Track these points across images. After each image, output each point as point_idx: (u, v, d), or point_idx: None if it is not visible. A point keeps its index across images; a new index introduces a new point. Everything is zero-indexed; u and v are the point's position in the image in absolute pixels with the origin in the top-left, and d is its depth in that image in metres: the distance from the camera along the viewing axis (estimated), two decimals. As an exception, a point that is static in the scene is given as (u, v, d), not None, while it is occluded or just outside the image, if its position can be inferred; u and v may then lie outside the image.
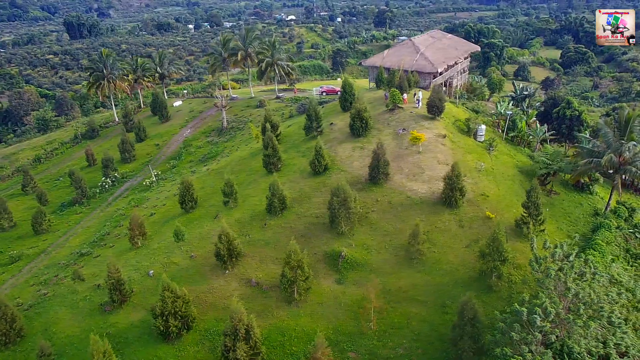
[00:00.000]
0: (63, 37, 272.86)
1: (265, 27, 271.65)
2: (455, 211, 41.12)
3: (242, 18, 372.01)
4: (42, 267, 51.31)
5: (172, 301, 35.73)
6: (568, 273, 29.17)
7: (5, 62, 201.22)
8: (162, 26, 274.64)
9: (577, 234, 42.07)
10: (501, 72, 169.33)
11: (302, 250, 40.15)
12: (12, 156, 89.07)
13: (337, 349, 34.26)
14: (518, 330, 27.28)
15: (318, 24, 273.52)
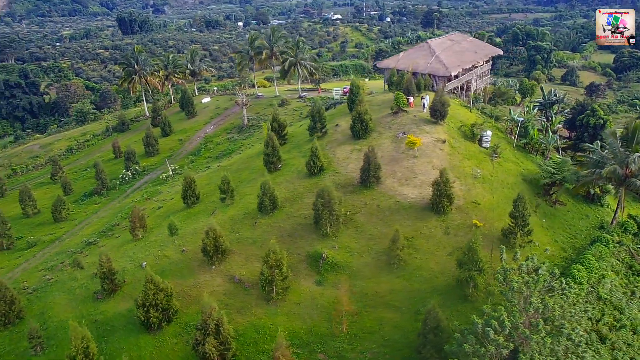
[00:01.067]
0: (118, 33, 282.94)
1: (311, 26, 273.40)
2: (442, 218, 40.57)
3: (291, 16, 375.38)
4: (53, 254, 53.78)
5: (153, 293, 36.86)
6: (532, 287, 28.39)
7: (60, 56, 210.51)
8: (210, 23, 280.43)
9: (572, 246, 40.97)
10: (547, 76, 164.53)
11: (286, 250, 40.85)
12: (49, 146, 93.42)
13: (308, 349, 34.64)
14: (472, 342, 26.85)
15: (363, 24, 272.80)
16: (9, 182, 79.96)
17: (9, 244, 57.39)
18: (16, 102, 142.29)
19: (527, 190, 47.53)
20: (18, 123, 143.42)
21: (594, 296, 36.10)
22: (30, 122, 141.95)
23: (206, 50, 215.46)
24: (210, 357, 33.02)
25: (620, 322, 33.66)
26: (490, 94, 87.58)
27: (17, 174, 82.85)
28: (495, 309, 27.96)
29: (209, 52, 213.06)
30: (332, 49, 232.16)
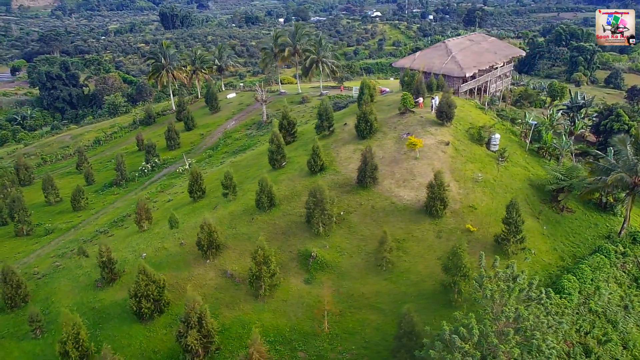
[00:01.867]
0: (161, 27, 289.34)
1: (350, 23, 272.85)
2: (436, 221, 40.08)
3: (332, 13, 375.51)
4: (66, 241, 55.77)
5: (145, 284, 37.78)
6: (506, 295, 27.80)
7: (102, 49, 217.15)
8: (250, 19, 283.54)
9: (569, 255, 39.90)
10: (590, 78, 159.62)
11: (278, 248, 41.32)
12: (79, 137, 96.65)
13: (290, 347, 34.90)
14: (439, 349, 26.53)
15: (403, 21, 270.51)
16: (38, 170, 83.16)
17: (28, 230, 59.74)
18: (57, 94, 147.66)
19: (532, 196, 46.49)
20: (58, 114, 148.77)
21: (585, 308, 35.06)
22: (70, 113, 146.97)
23: (244, 46, 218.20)
24: (192, 349, 33.59)
25: (607, 336, 32.53)
26: (517, 95, 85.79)
27: (47, 163, 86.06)
28: (467, 316, 27.47)
29: (246, 48, 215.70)
30: (370, 47, 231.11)
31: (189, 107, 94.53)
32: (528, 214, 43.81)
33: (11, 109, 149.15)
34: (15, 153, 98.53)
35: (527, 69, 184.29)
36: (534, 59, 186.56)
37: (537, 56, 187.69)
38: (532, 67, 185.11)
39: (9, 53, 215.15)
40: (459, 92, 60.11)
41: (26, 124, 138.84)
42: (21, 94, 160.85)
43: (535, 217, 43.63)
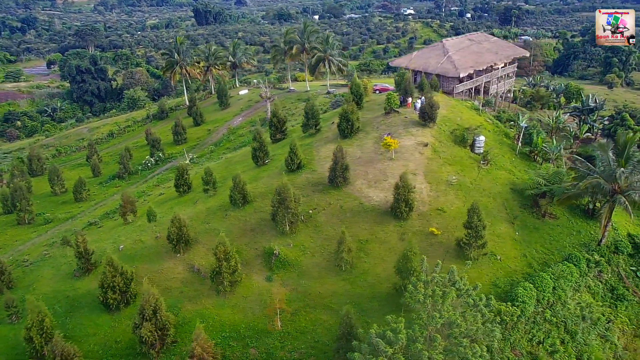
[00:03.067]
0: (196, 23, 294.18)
1: (382, 21, 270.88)
2: (401, 223, 39.72)
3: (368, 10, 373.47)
4: (61, 231, 57.54)
5: (112, 276, 38.74)
6: (439, 301, 27.40)
7: (135, 44, 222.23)
8: (282, 16, 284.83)
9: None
10: (625, 80, 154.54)
11: (245, 245, 41.74)
12: (96, 129, 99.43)
13: (242, 343, 35.30)
14: (365, 352, 26.44)
15: (435, 19, 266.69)
16: (51, 161, 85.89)
17: (30, 219, 61.95)
18: (86, 87, 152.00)
19: (512, 200, 45.54)
20: (87, 106, 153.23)
21: (542, 317, 34.18)
22: (98, 106, 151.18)
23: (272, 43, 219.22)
24: (146, 340, 34.31)
25: (554, 346, 31.65)
26: (528, 97, 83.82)
27: (61, 155, 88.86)
28: (397, 320, 27.23)
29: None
30: (400, 45, 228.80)
31: (202, 102, 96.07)
32: (503, 218, 42.98)
33: (43, 101, 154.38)
34: (36, 144, 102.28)
35: (561, 70, 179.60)
36: (568, 59, 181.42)
37: (572, 57, 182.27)
38: (566, 68, 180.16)
39: (46, 47, 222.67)
40: (453, 93, 59.10)
41: (56, 116, 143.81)
42: (54, 86, 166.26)
43: (511, 222, 42.70)
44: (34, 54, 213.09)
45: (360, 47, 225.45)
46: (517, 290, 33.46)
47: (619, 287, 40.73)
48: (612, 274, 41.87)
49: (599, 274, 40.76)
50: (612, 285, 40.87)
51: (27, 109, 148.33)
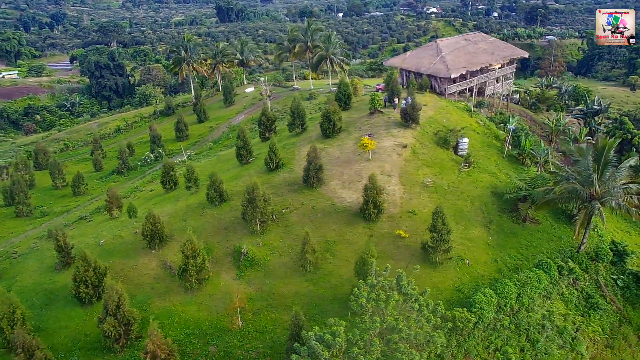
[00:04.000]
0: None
1: (404, 19, 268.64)
2: (370, 225, 39.49)
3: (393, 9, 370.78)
4: (54, 225, 58.72)
5: (84, 270, 39.43)
6: (381, 305, 27.19)
7: (157, 40, 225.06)
8: (304, 13, 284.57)
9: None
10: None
11: (217, 243, 42.06)
12: (104, 125, 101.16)
13: (203, 340, 35.61)
14: (305, 354, 26.43)
15: (458, 18, 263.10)
16: (59, 155, 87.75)
17: (27, 212, 63.39)
18: (104, 82, 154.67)
19: (492, 204, 44.86)
20: (105, 102, 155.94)
21: (501, 324, 33.58)
22: (116, 102, 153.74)
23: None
24: (110, 335, 34.85)
25: (505, 354, 31.08)
26: (533, 99, 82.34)
27: (69, 149, 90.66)
28: (338, 323, 27.11)
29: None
30: (420, 44, 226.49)
31: (209, 99, 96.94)
32: (479, 222, 42.38)
33: (62, 95, 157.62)
34: (48, 138, 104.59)
35: (585, 71, 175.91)
36: (592, 60, 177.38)
37: (596, 57, 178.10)
38: (590, 69, 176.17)
39: (70, 42, 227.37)
40: (445, 93, 58.35)
41: (75, 111, 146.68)
42: (74, 81, 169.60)
43: (486, 227, 42.06)
44: (58, 49, 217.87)
45: (380, 45, 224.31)
46: (476, 296, 32.92)
47: (596, 295, 39.81)
48: (590, 282, 40.93)
49: (574, 282, 39.90)
50: (589, 294, 39.95)
51: (47, 103, 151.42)
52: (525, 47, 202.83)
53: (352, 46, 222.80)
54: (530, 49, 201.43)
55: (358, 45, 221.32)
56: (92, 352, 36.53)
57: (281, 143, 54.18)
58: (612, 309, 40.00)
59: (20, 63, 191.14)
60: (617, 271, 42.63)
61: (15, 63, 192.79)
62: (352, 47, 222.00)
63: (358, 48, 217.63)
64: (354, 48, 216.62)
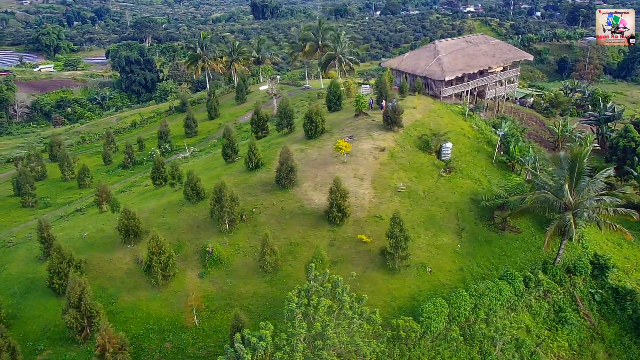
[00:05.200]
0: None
1: (439, 18, 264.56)
2: (334, 228, 39.28)
3: (433, 7, 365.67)
4: (54, 216, 60.71)
5: (58, 262, 40.67)
6: (311, 311, 27.07)
7: (191, 36, 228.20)
8: (339, 12, 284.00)
9: (469, 278, 37.45)
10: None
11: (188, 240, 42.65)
12: (123, 119, 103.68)
13: (161, 336, 36.28)
14: (231, 356, 26.59)
15: (495, 18, 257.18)
16: (75, 148, 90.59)
17: (32, 202, 65.65)
18: (134, 77, 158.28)
19: (469, 211, 43.95)
20: (134, 96, 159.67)
21: (451, 335, 32.83)
22: (144, 96, 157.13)
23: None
24: (72, 326, 35.86)
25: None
26: (546, 102, 79.99)
27: (85, 142, 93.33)
28: (267, 327, 27.16)
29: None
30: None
31: (223, 97, 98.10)
32: (451, 229, 41.58)
33: (94, 89, 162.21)
34: (70, 130, 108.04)
35: (625, 74, 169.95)
36: (632, 63, 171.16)
37: (637, 60, 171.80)
38: (629, 72, 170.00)
39: (108, 37, 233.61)
40: (440, 96, 57.32)
41: (105, 104, 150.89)
42: (107, 76, 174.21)
43: (458, 234, 41.23)
44: (95, 44, 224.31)
45: (412, 44, 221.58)
46: (425, 305, 32.34)
47: (568, 309, 38.52)
48: (564, 296, 39.64)
49: (545, 295, 38.70)
50: (561, 307, 38.69)
51: (78, 96, 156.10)
52: (563, 48, 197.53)
53: (384, 45, 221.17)
54: (569, 51, 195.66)
55: (390, 44, 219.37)
56: (58, 342, 37.60)
57: (268, 143, 54.45)
58: (585, 324, 38.65)
59: (58, 57, 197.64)
60: (597, 285, 41.18)
61: (54, 57, 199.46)
62: (384, 45, 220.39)
63: (390, 47, 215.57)
64: (386, 47, 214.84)
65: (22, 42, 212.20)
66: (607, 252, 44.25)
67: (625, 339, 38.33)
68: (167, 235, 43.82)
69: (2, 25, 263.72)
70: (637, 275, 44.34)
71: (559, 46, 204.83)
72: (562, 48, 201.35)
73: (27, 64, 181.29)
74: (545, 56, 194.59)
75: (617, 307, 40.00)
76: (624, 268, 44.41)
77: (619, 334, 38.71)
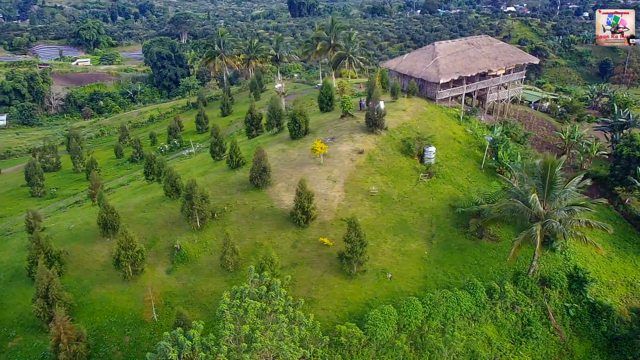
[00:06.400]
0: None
1: (477, 18, 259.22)
2: (299, 230, 39.16)
3: (475, 6, 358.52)
4: (55, 207, 62.78)
5: (36, 252, 42.09)
6: (240, 312, 27.11)
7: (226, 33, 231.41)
8: (376, 10, 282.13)
9: (429, 286, 36.72)
10: None
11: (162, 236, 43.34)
12: (143, 114, 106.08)
13: (122, 330, 37.03)
14: (161, 353, 26.91)
15: (536, 18, 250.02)
16: (94, 141, 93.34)
17: (41, 192, 68.11)
18: (165, 72, 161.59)
19: (445, 217, 43.13)
20: (165, 91, 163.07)
21: (399, 344, 32.24)
22: (175, 91, 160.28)
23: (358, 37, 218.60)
24: (40, 315, 37.08)
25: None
26: (561, 107, 77.49)
27: (104, 135, 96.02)
28: (197, 327, 27.36)
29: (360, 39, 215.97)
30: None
31: (240, 94, 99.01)
32: (422, 235, 40.85)
33: (127, 83, 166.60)
34: (94, 124, 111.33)
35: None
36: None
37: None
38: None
39: (146, 33, 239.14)
40: (436, 99, 56.23)
41: (136, 98, 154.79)
42: (140, 70, 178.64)
43: (429, 241, 40.46)
44: (134, 39, 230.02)
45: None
46: (371, 313, 31.88)
47: (536, 323, 37.27)
48: (536, 309, 38.40)
49: (513, 307, 37.56)
50: (530, 320, 37.49)
51: (111, 90, 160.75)
52: (606, 50, 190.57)
53: (419, 44, 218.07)
54: (613, 53, 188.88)
55: (425, 43, 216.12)
56: (29, 330, 38.86)
57: (256, 142, 54.71)
58: (555, 339, 37.37)
59: (97, 51, 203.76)
60: (574, 299, 39.76)
61: (93, 51, 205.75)
62: (419, 45, 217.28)
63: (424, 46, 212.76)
64: (420, 46, 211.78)
65: (65, 36, 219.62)
66: (590, 266, 42.72)
67: (596, 356, 36.89)
68: (144, 230, 44.78)
69: (49, 19, 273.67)
70: (622, 291, 42.55)
71: (602, 48, 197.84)
72: (605, 50, 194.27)
73: (65, 58, 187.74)
74: (587, 58, 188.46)
75: (592, 323, 38.54)
76: (609, 283, 42.74)
77: (590, 351, 37.28)
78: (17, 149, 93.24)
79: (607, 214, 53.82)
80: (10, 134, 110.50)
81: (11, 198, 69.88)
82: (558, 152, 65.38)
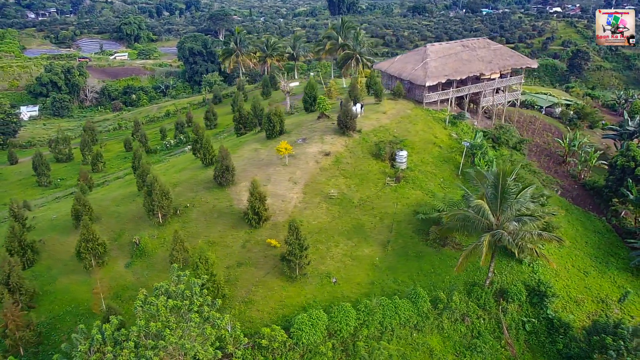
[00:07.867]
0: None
1: (521, 18, 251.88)
2: (251, 230, 39.34)
3: (525, 6, 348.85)
4: (53, 197, 65.17)
5: (10, 241, 43.92)
6: (153, 309, 27.56)
7: (264, 30, 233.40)
8: (416, 9, 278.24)
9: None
10: None
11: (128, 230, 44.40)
12: (162, 108, 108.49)
13: (74, 320, 38.12)
14: (75, 344, 27.77)
15: (582, 20, 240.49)
16: (111, 133, 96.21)
17: (47, 182, 70.85)
18: (196, 68, 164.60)
19: (408, 222, 42.41)
20: (196, 86, 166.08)
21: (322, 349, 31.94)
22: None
23: (395, 36, 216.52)
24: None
25: (296, 381, 29.73)
26: (573, 113, 74.66)
27: (121, 128, 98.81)
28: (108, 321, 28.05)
29: (396, 38, 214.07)
30: (531, 46, 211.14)
31: (254, 91, 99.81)
32: (377, 241, 40.31)
33: (160, 78, 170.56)
34: (118, 117, 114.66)
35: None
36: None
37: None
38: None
39: (185, 29, 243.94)
40: (423, 102, 55.18)
41: (168, 93, 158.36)
42: (175, 65, 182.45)
43: (384, 246, 39.90)
44: (173, 35, 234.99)
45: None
46: (298, 317, 31.74)
47: (486, 336, 36.27)
48: (489, 322, 37.35)
49: (463, 318, 36.65)
50: (480, 333, 36.52)
51: (145, 84, 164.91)
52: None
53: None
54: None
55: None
56: (-6, 316, 40.55)
57: (238, 140, 55.19)
58: (505, 354, 36.23)
59: (137, 46, 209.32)
60: (533, 314, 38.46)
61: (133, 45, 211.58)
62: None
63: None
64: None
65: (108, 31, 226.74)
66: (560, 280, 41.34)
67: (547, 374, 35.56)
68: (114, 224, 46.00)
69: (97, 14, 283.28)
70: (590, 308, 40.78)
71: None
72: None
73: (105, 52, 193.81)
74: (634, 62, 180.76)
75: (548, 340, 37.20)
76: (577, 298, 41.00)
77: (541, 368, 35.97)
78: (40, 139, 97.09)
79: (596, 226, 51.73)
80: (39, 124, 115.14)
81: (20, 186, 72.93)
82: (559, 159, 63.10)
